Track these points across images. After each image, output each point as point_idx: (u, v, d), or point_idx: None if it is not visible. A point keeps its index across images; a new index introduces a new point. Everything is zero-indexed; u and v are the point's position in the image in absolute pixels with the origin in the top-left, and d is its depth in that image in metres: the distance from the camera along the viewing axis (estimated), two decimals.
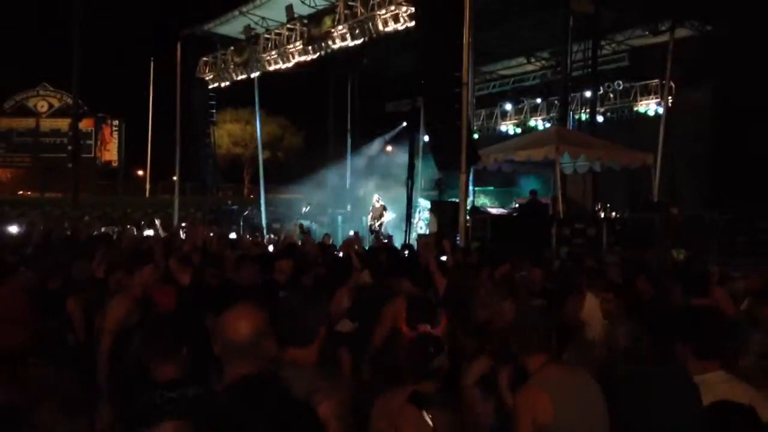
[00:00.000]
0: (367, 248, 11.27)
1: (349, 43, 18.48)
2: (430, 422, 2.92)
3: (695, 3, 18.52)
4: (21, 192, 45.83)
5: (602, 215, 16.21)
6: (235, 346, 2.51)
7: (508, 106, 26.66)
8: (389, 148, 29.95)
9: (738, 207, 13.43)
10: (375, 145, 29.86)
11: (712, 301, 5.51)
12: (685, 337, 3.28)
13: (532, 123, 25.72)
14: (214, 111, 26.04)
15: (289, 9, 19.92)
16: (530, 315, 3.63)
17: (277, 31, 21.24)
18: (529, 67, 25.77)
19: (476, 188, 19.49)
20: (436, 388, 3.17)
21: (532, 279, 6.64)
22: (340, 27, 18.45)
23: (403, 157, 18.85)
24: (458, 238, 13.12)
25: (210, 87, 25.04)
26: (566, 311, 6.53)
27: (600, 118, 21.66)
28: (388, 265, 7.29)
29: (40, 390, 2.83)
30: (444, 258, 8.57)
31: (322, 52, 19.61)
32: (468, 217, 14.35)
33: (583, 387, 3.28)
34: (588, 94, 19.93)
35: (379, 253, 9.24)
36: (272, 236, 19.07)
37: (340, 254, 9.60)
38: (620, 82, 22.84)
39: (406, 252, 10.36)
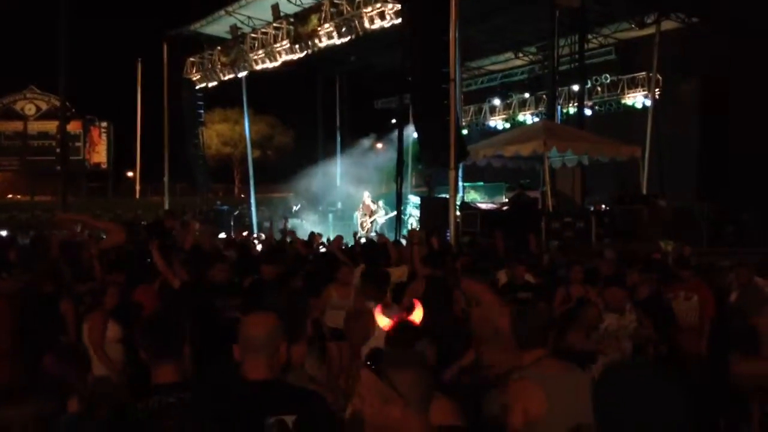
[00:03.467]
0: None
1: (336, 41, 18.49)
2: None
3: None
4: (10, 195, 45.57)
5: (592, 208, 16.25)
6: (252, 344, 2.70)
7: (497, 101, 26.69)
8: (379, 145, 29.96)
9: (725, 197, 13.52)
10: (365, 143, 29.87)
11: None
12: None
13: (520, 118, 25.73)
14: (202, 111, 25.98)
15: (275, 8, 19.90)
16: (527, 311, 3.66)
17: (264, 30, 21.19)
18: (517, 62, 25.84)
19: (466, 184, 19.49)
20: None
21: (515, 275, 6.77)
22: (326, 25, 18.45)
23: (392, 154, 18.87)
24: (448, 234, 13.15)
25: (197, 87, 24.97)
26: (555, 305, 6.62)
27: (588, 112, 21.69)
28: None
29: None
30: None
31: (309, 51, 19.60)
32: (458, 213, 14.37)
33: (574, 382, 3.29)
34: (576, 87, 19.92)
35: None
36: (261, 235, 19.04)
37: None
38: (607, 76, 22.93)
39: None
